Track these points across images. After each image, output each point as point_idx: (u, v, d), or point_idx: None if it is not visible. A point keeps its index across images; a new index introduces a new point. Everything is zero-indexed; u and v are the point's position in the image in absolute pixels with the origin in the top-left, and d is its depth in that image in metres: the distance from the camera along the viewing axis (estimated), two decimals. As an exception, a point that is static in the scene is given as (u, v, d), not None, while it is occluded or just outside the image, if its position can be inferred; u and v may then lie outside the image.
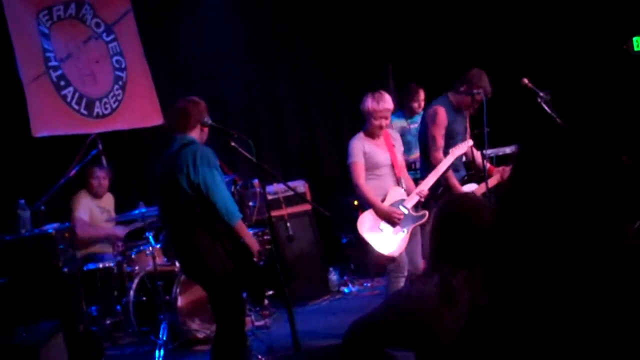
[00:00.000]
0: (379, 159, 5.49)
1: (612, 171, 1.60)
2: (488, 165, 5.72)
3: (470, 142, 5.69)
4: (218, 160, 4.57)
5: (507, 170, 5.58)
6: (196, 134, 4.65)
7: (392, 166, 5.54)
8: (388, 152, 5.54)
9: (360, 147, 5.47)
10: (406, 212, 5.41)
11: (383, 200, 5.41)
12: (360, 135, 5.56)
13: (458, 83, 5.74)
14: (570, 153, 1.61)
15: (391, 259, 5.36)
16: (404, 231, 5.38)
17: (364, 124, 5.58)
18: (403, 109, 7.63)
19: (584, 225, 1.56)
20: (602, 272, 1.52)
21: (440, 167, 5.53)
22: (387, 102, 5.47)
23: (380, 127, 5.49)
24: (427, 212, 5.45)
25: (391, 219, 5.35)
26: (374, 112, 5.43)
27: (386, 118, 5.51)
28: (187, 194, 4.45)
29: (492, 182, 5.60)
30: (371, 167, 5.47)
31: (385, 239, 5.35)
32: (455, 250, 2.41)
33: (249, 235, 4.67)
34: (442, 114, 5.67)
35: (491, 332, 1.62)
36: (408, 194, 5.48)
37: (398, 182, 5.53)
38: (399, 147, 5.70)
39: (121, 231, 6.71)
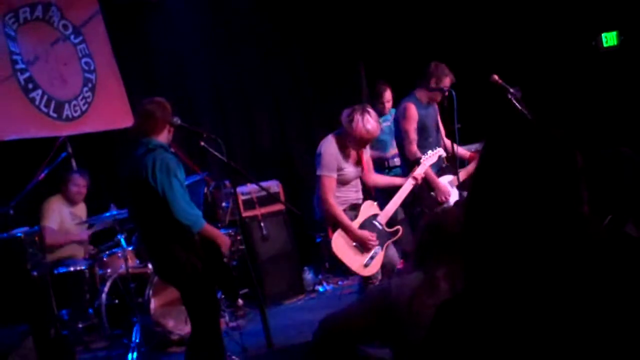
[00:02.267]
0: (350, 176, 5.22)
1: (576, 164, 1.61)
2: (468, 153, 5.82)
3: (440, 152, 5.68)
4: (187, 160, 4.53)
5: None
6: (163, 137, 4.59)
7: (360, 177, 5.34)
8: (359, 165, 5.30)
9: (335, 161, 5.12)
10: (380, 228, 5.21)
11: (347, 210, 5.19)
12: (334, 143, 5.17)
13: (424, 80, 5.82)
14: (534, 145, 1.63)
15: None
16: (379, 249, 5.15)
17: (339, 129, 5.21)
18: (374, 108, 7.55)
19: (547, 216, 1.57)
20: (567, 261, 1.53)
21: (402, 191, 5.33)
22: (376, 129, 5.13)
23: (358, 150, 5.24)
24: (400, 228, 5.30)
25: (365, 245, 5.10)
26: (361, 139, 5.10)
27: (367, 144, 5.28)
28: (151, 198, 4.40)
29: (472, 167, 5.65)
30: (341, 182, 5.18)
31: (361, 259, 5.11)
32: (438, 253, 2.43)
33: (218, 235, 4.65)
34: (412, 109, 5.79)
35: (461, 320, 1.62)
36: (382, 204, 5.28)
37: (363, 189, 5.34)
38: (367, 150, 5.43)
39: (85, 234, 6.58)
